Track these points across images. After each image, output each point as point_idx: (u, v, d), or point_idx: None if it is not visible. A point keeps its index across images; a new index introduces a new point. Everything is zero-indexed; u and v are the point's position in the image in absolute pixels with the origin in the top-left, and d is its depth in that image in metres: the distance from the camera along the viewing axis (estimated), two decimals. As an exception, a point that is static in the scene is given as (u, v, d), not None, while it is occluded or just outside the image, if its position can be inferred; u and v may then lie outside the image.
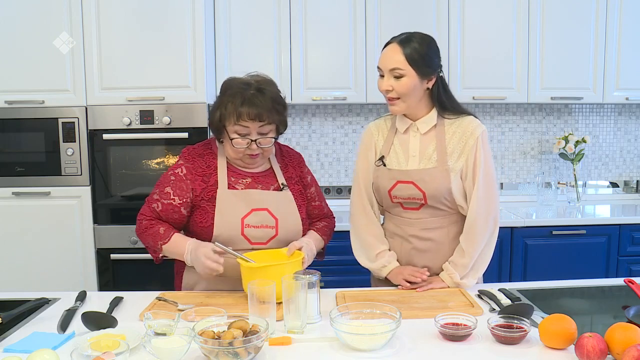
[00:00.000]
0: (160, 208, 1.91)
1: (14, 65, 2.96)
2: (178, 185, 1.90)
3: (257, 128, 1.83)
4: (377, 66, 1.87)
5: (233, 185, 1.91)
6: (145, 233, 1.91)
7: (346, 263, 2.78)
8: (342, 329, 1.41)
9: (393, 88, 1.82)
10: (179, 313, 1.54)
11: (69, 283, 2.91)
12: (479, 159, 1.84)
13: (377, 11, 3.24)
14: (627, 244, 3.18)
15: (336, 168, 3.68)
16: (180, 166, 1.93)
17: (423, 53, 1.80)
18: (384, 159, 1.93)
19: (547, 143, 3.76)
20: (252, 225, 1.88)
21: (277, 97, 1.87)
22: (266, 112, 1.81)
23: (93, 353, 1.33)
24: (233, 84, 1.88)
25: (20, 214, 3.01)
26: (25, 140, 3.01)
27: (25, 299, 1.74)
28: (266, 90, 1.84)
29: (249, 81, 1.87)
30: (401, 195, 1.90)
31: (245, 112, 1.79)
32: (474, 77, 3.32)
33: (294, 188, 1.99)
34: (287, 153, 2.07)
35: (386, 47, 1.86)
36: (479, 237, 1.86)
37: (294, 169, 2.03)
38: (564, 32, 3.31)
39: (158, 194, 1.92)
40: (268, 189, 1.94)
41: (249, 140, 1.84)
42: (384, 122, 2.00)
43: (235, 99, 1.82)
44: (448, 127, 1.89)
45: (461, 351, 1.42)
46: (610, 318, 1.68)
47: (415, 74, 1.80)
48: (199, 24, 2.98)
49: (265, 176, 1.96)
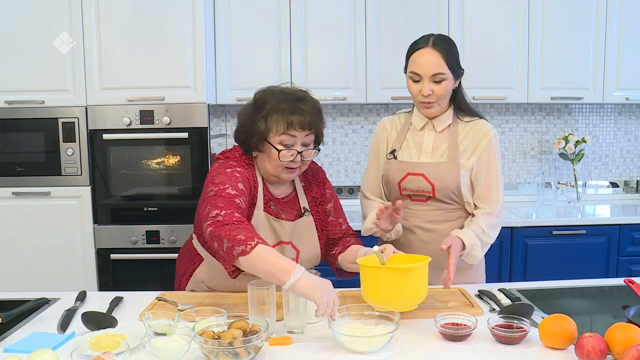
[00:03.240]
0: (243, 205, 1.67)
1: (14, 65, 2.96)
2: (243, 182, 1.72)
3: (303, 138, 1.74)
4: (412, 71, 1.88)
5: (266, 209, 1.79)
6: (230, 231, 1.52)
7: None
8: (340, 331, 1.40)
9: (434, 92, 1.86)
10: (179, 313, 1.54)
11: (69, 283, 2.91)
12: (492, 159, 1.92)
13: (377, 11, 3.24)
14: (627, 244, 3.18)
15: (336, 168, 3.68)
16: (233, 167, 1.74)
17: (456, 55, 1.88)
18: (395, 152, 1.99)
19: (547, 143, 3.76)
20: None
21: (319, 105, 1.80)
22: (316, 121, 1.75)
23: (93, 353, 1.33)
24: (270, 94, 1.76)
25: (20, 214, 3.01)
26: (25, 140, 3.01)
27: (25, 299, 1.74)
28: (307, 98, 1.78)
29: (286, 90, 1.79)
30: (410, 187, 1.95)
31: (296, 121, 1.70)
32: (473, 77, 3.29)
33: (317, 210, 1.91)
34: (310, 170, 1.94)
35: (419, 52, 1.86)
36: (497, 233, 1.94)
37: (318, 188, 1.94)
38: (564, 32, 3.31)
39: (232, 188, 1.65)
40: (292, 217, 1.84)
41: (294, 151, 1.74)
42: (398, 118, 2.06)
43: (280, 107, 1.72)
44: (462, 127, 1.96)
45: (461, 351, 1.42)
46: (610, 318, 1.68)
47: (453, 77, 1.88)
48: (199, 24, 2.98)
49: (288, 202, 1.87)
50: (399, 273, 1.56)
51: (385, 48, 3.26)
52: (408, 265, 1.59)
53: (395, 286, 1.55)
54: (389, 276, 1.56)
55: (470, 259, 1.87)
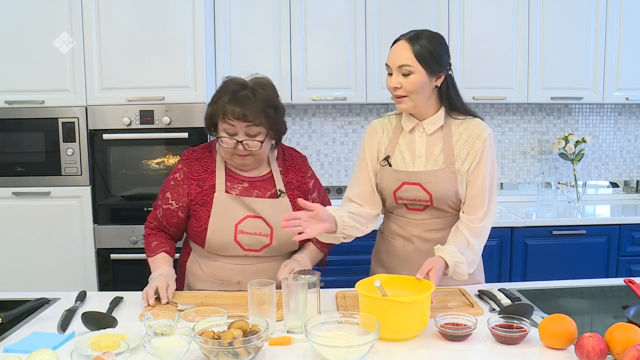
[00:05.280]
0: (161, 214, 1.96)
1: (14, 65, 2.96)
2: (176, 190, 1.93)
3: (244, 128, 1.82)
4: (386, 64, 1.84)
5: (228, 190, 1.91)
6: (144, 240, 2.00)
7: (346, 263, 2.79)
8: (316, 340, 1.33)
9: (401, 85, 1.79)
10: (179, 313, 1.54)
11: (69, 283, 2.90)
12: (484, 160, 1.83)
13: (377, 11, 3.24)
14: (627, 244, 3.18)
15: (336, 168, 3.68)
16: (179, 170, 1.96)
17: (432, 50, 1.77)
18: (389, 159, 1.90)
19: (547, 143, 3.76)
20: (246, 232, 1.88)
21: (270, 100, 1.85)
22: (253, 113, 1.80)
23: (93, 353, 1.33)
24: (229, 83, 1.89)
25: (20, 214, 3.01)
26: (25, 140, 3.01)
27: (25, 299, 1.74)
28: (259, 92, 1.84)
29: (245, 82, 1.87)
30: (407, 197, 1.88)
31: (230, 110, 1.80)
32: (474, 77, 3.32)
33: (292, 194, 1.95)
34: (290, 157, 2.03)
35: (395, 44, 1.83)
36: (486, 237, 1.86)
37: (295, 174, 2.00)
38: (564, 32, 3.31)
39: (160, 199, 1.97)
40: (264, 195, 1.92)
41: (235, 140, 1.83)
42: (389, 121, 1.97)
43: (225, 97, 1.83)
44: (455, 128, 1.87)
45: (461, 351, 1.42)
46: (610, 318, 1.68)
47: (424, 71, 1.77)
48: (199, 24, 2.98)
49: (263, 181, 1.95)
50: (398, 305, 1.47)
51: (385, 48, 3.20)
52: (409, 298, 1.50)
53: (394, 317, 1.45)
54: (387, 308, 1.47)
55: (457, 277, 1.76)
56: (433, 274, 1.62)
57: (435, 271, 1.63)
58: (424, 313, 1.49)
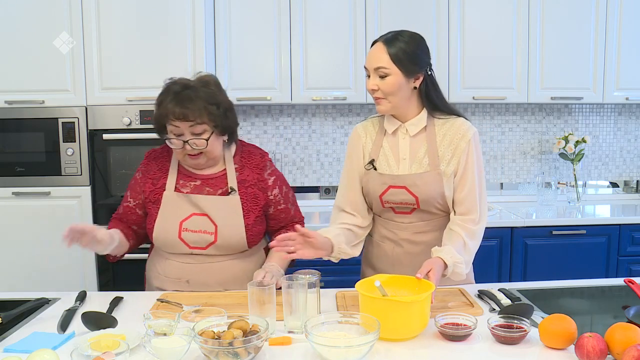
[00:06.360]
0: (121, 211, 2.03)
1: (14, 65, 2.96)
2: (134, 188, 2.01)
3: (188, 128, 1.82)
4: (364, 66, 1.84)
5: (179, 189, 1.93)
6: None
7: (346, 263, 2.78)
8: (316, 340, 1.34)
9: (379, 87, 1.78)
10: (179, 313, 1.54)
11: (69, 283, 2.91)
12: (471, 162, 1.82)
13: (377, 11, 3.24)
14: (627, 244, 3.18)
15: (336, 168, 3.67)
16: (139, 170, 2.02)
17: (408, 51, 1.76)
18: (374, 163, 1.89)
19: (547, 143, 3.76)
20: (190, 229, 1.88)
21: (212, 97, 1.85)
22: (193, 112, 1.80)
23: (93, 353, 1.33)
24: (171, 85, 1.89)
25: (20, 214, 3.01)
26: (25, 140, 3.01)
27: (25, 299, 1.75)
28: (200, 90, 1.84)
29: (187, 82, 1.88)
30: (393, 200, 1.87)
31: (171, 111, 1.81)
32: (473, 77, 3.32)
33: (246, 192, 1.94)
34: (248, 154, 2.01)
35: (372, 47, 1.82)
36: (480, 239, 1.85)
37: (251, 171, 1.98)
38: (564, 32, 3.31)
39: (123, 197, 2.05)
40: (215, 193, 1.93)
41: (182, 140, 1.84)
42: (371, 124, 1.96)
43: (167, 99, 1.84)
44: (439, 128, 1.85)
45: (461, 351, 1.42)
46: (610, 318, 1.68)
47: (400, 72, 1.76)
48: (199, 25, 2.98)
49: (216, 179, 1.95)
50: (398, 305, 1.47)
51: (385, 48, 3.25)
52: (409, 298, 1.50)
53: (394, 317, 1.45)
54: (387, 307, 1.47)
55: (455, 277, 1.75)
56: (433, 274, 1.62)
57: (434, 271, 1.63)
58: (424, 313, 1.49)
